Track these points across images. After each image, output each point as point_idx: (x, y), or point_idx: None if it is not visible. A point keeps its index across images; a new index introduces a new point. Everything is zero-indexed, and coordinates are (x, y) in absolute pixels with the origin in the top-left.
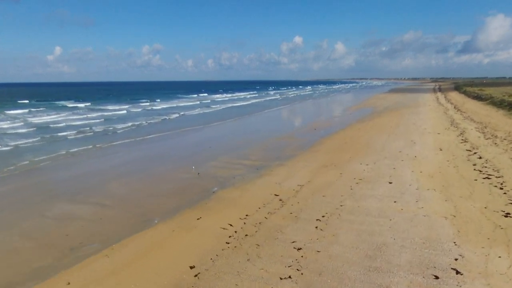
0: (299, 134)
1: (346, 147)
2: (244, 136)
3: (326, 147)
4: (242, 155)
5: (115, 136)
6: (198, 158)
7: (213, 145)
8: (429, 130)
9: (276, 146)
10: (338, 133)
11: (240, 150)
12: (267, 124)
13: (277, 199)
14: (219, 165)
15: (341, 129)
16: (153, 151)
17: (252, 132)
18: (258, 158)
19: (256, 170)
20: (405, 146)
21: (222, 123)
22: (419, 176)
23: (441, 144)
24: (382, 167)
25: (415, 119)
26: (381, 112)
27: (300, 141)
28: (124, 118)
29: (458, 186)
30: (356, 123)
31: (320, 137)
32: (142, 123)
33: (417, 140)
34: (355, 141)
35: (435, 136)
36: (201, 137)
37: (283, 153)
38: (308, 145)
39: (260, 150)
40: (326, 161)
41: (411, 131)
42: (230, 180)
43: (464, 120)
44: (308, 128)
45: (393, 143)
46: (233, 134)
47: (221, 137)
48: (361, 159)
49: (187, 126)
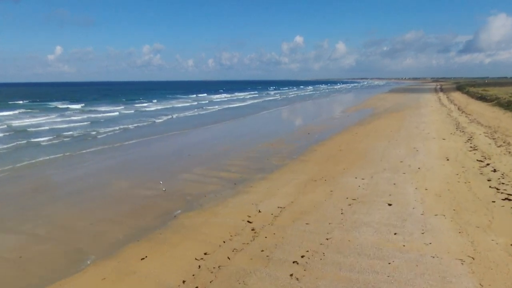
0: (291, 139)
1: (341, 155)
2: (231, 142)
3: (318, 156)
4: (222, 166)
5: (92, 142)
6: (171, 169)
7: (194, 152)
8: (433, 135)
9: (263, 153)
10: (333, 138)
11: (221, 158)
12: (259, 128)
13: (249, 228)
14: (192, 179)
15: (337, 133)
16: (125, 160)
17: (240, 136)
18: (240, 169)
19: (234, 185)
20: (407, 155)
21: (212, 126)
22: (424, 195)
23: (448, 152)
24: (381, 182)
25: (417, 122)
26: (381, 114)
27: (290, 147)
28: (112, 121)
29: (473, 210)
30: (354, 126)
31: (313, 143)
32: (129, 126)
33: (420, 147)
34: (351, 148)
35: (440, 143)
36: (183, 143)
37: (268, 163)
38: (299, 152)
39: (244, 159)
40: (316, 173)
41: (414, 136)
42: (199, 199)
43: (471, 123)
44: (301, 132)
45: (393, 151)
46: (219, 139)
47: (205, 142)
48: (356, 171)
49: (174, 129)
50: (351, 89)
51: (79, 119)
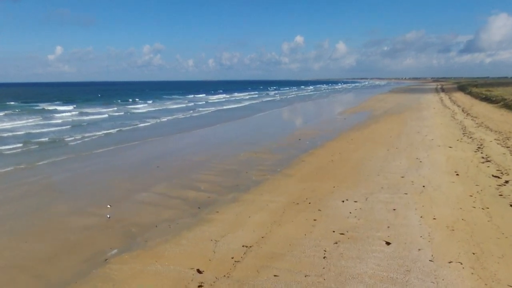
0: (279, 147)
1: (332, 168)
2: (212, 150)
3: (305, 169)
4: (191, 181)
5: (60, 150)
6: (130, 185)
7: (165, 163)
8: (438, 141)
9: (243, 165)
10: (325, 146)
11: (194, 171)
12: (247, 132)
13: (196, 283)
14: (149, 200)
15: (330, 140)
16: (82, 173)
17: (224, 143)
18: (211, 186)
19: (197, 209)
20: (409, 168)
21: (198, 131)
22: (433, 228)
23: (456, 164)
24: (377, 206)
25: (419, 126)
26: (380, 117)
27: (276, 157)
28: (96, 124)
29: (499, 254)
30: (350, 131)
31: (303, 151)
32: (110, 131)
33: (424, 157)
34: (345, 158)
35: (446, 151)
36: (158, 151)
37: (246, 178)
38: (284, 164)
39: (220, 172)
40: (299, 193)
41: (416, 144)
42: (147, 231)
43: (478, 127)
44: (292, 138)
45: (393, 163)
46: (199, 147)
47: (182, 150)
48: (348, 190)
49: (155, 135)
50: (351, 89)
51: (61, 123)
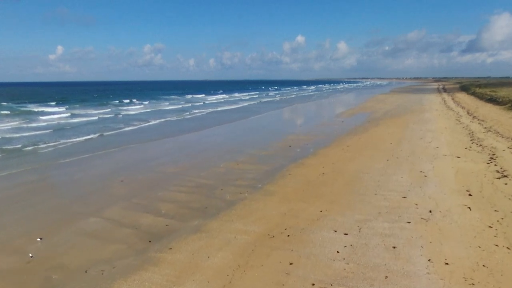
0: (265, 155)
1: (322, 184)
2: (189, 159)
3: (290, 184)
4: (153, 201)
5: (25, 159)
6: (78, 207)
7: (131, 176)
8: (444, 150)
9: (220, 179)
10: (317, 154)
11: (161, 186)
12: (235, 138)
13: None
14: (92, 230)
15: (324, 147)
16: (33, 189)
17: (207, 150)
18: (174, 208)
19: (148, 243)
20: (411, 185)
21: (183, 136)
22: (446, 281)
23: (467, 180)
24: (373, 242)
25: (422, 130)
26: (380, 119)
27: (259, 169)
28: (79, 128)
29: None
30: (346, 136)
31: (291, 161)
32: (92, 136)
33: (428, 170)
34: (338, 171)
35: (454, 163)
36: (130, 160)
37: (219, 198)
38: (267, 177)
39: (190, 189)
40: (278, 220)
41: (419, 152)
42: (71, 279)
43: (487, 133)
44: (282, 144)
45: (393, 177)
46: (177, 155)
47: (156, 159)
48: (338, 216)
49: (137, 140)
50: (352, 89)
51: (43, 126)
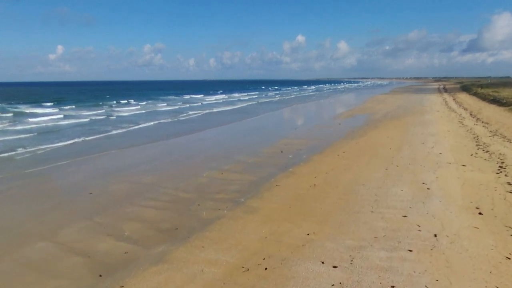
0: (253, 164)
1: (311, 199)
2: (170, 167)
3: (276, 199)
4: (118, 220)
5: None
6: (32, 227)
7: (102, 188)
8: (448, 156)
9: (200, 191)
10: (310, 162)
11: (131, 202)
12: (224, 143)
13: None
14: (37, 258)
15: (318, 153)
16: None
17: (191, 157)
18: (139, 229)
19: (98, 278)
20: (413, 200)
21: (170, 140)
22: None
23: (476, 194)
24: (367, 280)
25: (424, 134)
26: (379, 122)
27: (244, 179)
28: (66, 131)
29: None
30: (343, 141)
31: (281, 170)
32: (76, 140)
33: (431, 181)
34: (331, 182)
35: (459, 172)
36: (105, 169)
37: (194, 216)
38: (252, 190)
39: (163, 204)
40: (257, 246)
41: (421, 159)
42: None
43: (493, 137)
44: (274, 149)
45: (392, 189)
46: (158, 162)
47: (134, 168)
48: (327, 242)
49: (120, 145)
50: (353, 89)
51: (29, 129)
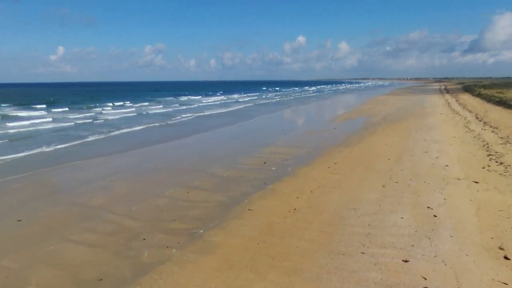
0: (228, 178)
1: (286, 233)
2: (127, 184)
3: (241, 233)
4: (25, 268)
5: None
6: None
7: (34, 212)
8: (456, 170)
9: (152, 219)
10: (295, 176)
11: (58, 236)
12: (203, 152)
13: None
14: None
15: (307, 164)
16: None
17: (159, 170)
18: (49, 284)
19: None
20: (416, 235)
21: (147, 148)
22: None
23: (497, 227)
24: None
25: (426, 140)
26: (378, 125)
27: (212, 200)
28: (42, 137)
29: None
30: (336, 148)
31: (258, 187)
32: (43, 150)
33: (439, 205)
34: (315, 205)
35: (472, 192)
36: (53, 186)
37: (132, 258)
38: (216, 218)
39: (100, 239)
40: None
41: (424, 174)
42: None
43: (506, 144)
44: (257, 160)
45: (390, 217)
46: (119, 177)
47: (87, 185)
48: None
49: (89, 155)
50: (354, 90)
51: (3, 134)
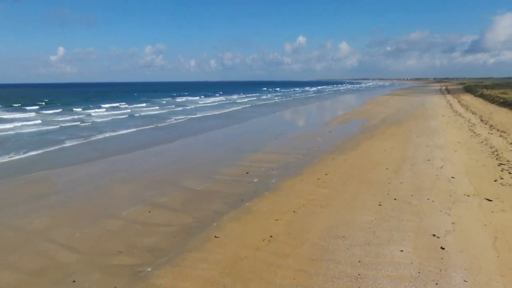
0: (200, 194)
1: (252, 277)
2: (82, 201)
3: (196, 274)
4: None
5: None
6: None
7: None
8: (464, 183)
9: (93, 252)
10: (277, 191)
11: None
12: (183, 160)
13: None
14: None
15: (293, 175)
16: None
17: (126, 183)
18: None
19: None
20: (419, 278)
21: (122, 156)
22: None
23: None
24: None
25: (429, 146)
26: (376, 129)
27: (174, 224)
28: (20, 141)
29: None
30: (328, 156)
31: (232, 206)
32: (11, 158)
33: (446, 232)
34: (294, 235)
35: (486, 214)
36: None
37: None
38: (173, 249)
39: (18, 280)
40: None
41: (428, 189)
42: None
43: None
44: (237, 170)
45: (386, 251)
46: (78, 191)
47: (37, 200)
48: None
49: (59, 163)
50: (355, 90)
51: None
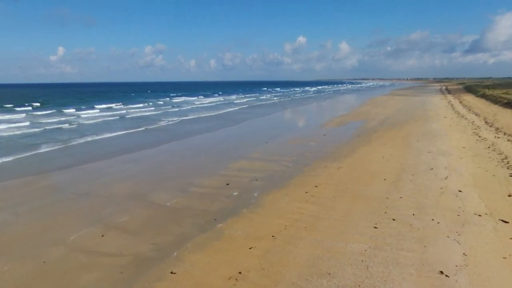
0: (168, 211)
1: None
2: (25, 224)
3: None
4: None
5: None
6: None
7: None
8: (473, 200)
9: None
10: (257, 209)
11: None
12: (158, 169)
13: None
14: None
15: (279, 187)
16: None
17: (87, 196)
18: None
19: None
20: None
21: (95, 164)
22: None
23: None
24: None
25: (431, 152)
26: (374, 132)
27: (122, 257)
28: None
29: None
30: (319, 165)
31: (200, 231)
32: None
33: (457, 268)
34: (269, 272)
35: (503, 242)
36: None
37: None
38: None
39: None
40: None
41: (432, 206)
42: None
43: None
44: (217, 181)
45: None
46: (26, 209)
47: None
48: None
49: (23, 173)
50: (355, 90)
51: None
